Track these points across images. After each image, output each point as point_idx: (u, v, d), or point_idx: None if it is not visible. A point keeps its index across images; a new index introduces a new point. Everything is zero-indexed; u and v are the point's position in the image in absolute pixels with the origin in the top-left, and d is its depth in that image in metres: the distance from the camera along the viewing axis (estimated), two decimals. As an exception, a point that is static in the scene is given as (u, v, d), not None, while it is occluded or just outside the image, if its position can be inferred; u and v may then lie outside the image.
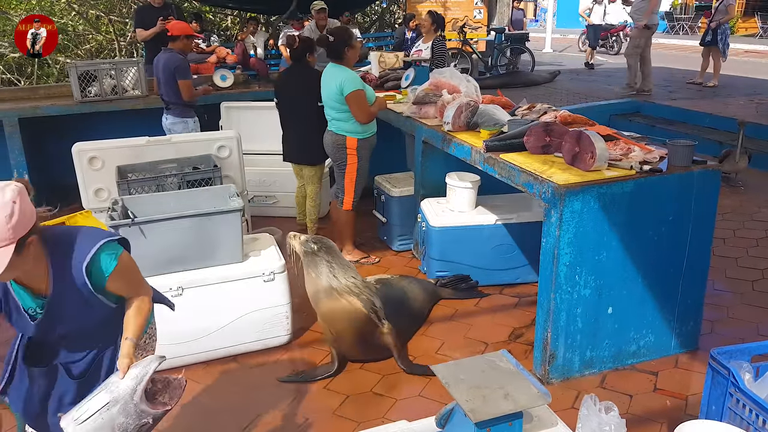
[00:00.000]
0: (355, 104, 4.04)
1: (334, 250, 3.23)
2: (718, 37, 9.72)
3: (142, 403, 1.76)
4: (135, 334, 1.90)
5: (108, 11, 11.61)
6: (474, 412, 1.66)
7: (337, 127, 4.19)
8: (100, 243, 1.82)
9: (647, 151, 3.12)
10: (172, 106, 5.03)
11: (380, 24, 14.40)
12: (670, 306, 3.20)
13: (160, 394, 1.88)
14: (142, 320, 1.96)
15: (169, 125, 5.09)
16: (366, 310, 3.12)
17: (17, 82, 10.17)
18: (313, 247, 3.15)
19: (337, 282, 3.12)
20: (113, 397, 1.72)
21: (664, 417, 2.82)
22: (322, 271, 3.14)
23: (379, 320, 3.17)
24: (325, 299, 3.15)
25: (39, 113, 5.80)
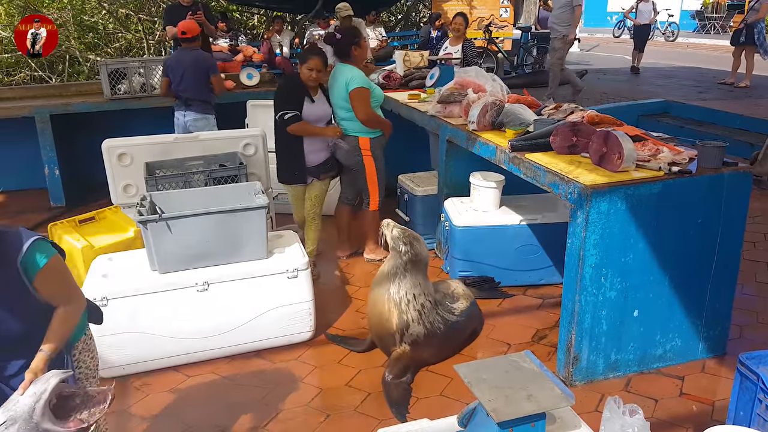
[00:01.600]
0: (357, 100, 4.04)
1: (419, 258, 3.13)
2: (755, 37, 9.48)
3: (46, 422, 1.65)
4: (51, 347, 1.80)
5: (137, 10, 11.80)
6: (496, 411, 1.66)
7: (348, 128, 4.19)
8: (33, 239, 1.79)
9: (676, 152, 3.07)
10: (195, 103, 5.10)
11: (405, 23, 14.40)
12: (697, 310, 3.14)
13: (78, 410, 1.76)
14: (65, 332, 1.86)
15: (189, 122, 5.16)
16: (395, 328, 3.09)
17: (48, 80, 10.39)
18: (400, 249, 3.12)
19: (395, 288, 3.10)
20: (11, 415, 1.62)
21: (690, 422, 2.78)
22: (392, 270, 3.11)
23: (401, 341, 3.11)
24: (376, 291, 3.18)
25: (70, 110, 5.92)
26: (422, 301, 3.10)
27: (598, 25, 23.44)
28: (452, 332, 3.24)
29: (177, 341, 3.20)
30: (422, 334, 3.09)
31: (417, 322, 3.08)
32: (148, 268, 3.23)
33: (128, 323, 3.11)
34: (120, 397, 3.06)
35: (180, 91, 5.13)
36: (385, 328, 3.12)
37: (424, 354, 3.17)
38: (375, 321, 3.20)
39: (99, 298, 3.03)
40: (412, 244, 3.13)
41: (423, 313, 3.09)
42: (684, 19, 22.28)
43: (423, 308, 3.09)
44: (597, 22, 23.91)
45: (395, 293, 3.09)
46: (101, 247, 3.56)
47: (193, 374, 3.23)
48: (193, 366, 3.28)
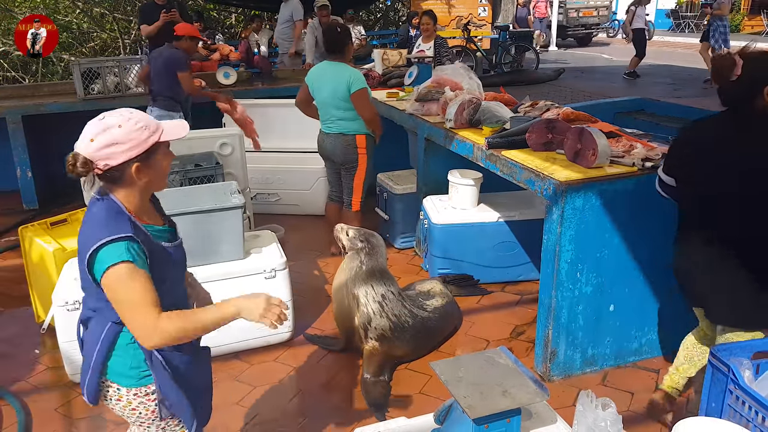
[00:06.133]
0: (362, 99, 4.02)
1: (376, 251, 3.15)
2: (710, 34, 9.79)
3: None
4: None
5: (112, 9, 11.64)
6: (471, 408, 1.65)
7: (345, 127, 4.15)
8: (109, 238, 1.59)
9: (650, 148, 3.10)
10: (160, 99, 5.05)
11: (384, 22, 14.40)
12: (672, 304, 3.18)
13: None
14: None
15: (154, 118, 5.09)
16: (357, 322, 3.09)
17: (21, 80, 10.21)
18: (357, 246, 3.13)
19: (352, 284, 3.10)
20: None
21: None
22: (351, 268, 3.12)
23: (366, 336, 3.10)
24: (337, 291, 3.18)
25: (42, 111, 5.82)
26: (382, 291, 3.09)
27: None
28: (424, 328, 3.23)
29: (152, 344, 3.16)
30: (387, 327, 3.07)
31: (379, 315, 3.07)
32: (121, 270, 3.17)
33: (102, 326, 3.05)
34: (94, 401, 3.02)
35: (151, 85, 5.09)
36: (348, 324, 3.14)
37: (396, 350, 3.16)
38: (339, 320, 3.23)
39: (71, 301, 2.98)
40: (368, 240, 3.16)
41: (384, 305, 3.08)
42: (659, 17, 22.59)
43: (384, 299, 3.09)
44: (574, 20, 24.07)
45: (353, 288, 3.09)
46: (74, 249, 3.47)
47: (169, 377, 3.19)
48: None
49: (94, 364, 1.73)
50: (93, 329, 1.77)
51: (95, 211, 1.66)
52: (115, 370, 1.75)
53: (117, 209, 1.66)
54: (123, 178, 1.66)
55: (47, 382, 3.18)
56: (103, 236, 1.58)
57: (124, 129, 1.63)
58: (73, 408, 2.97)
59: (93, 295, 1.71)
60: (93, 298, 1.71)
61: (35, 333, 3.59)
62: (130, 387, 1.76)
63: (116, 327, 1.71)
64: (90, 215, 1.68)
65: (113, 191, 1.68)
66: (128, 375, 1.75)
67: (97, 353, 1.73)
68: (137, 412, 1.80)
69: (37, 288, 3.63)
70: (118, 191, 1.68)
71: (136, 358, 1.74)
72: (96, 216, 1.65)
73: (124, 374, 1.75)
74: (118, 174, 1.64)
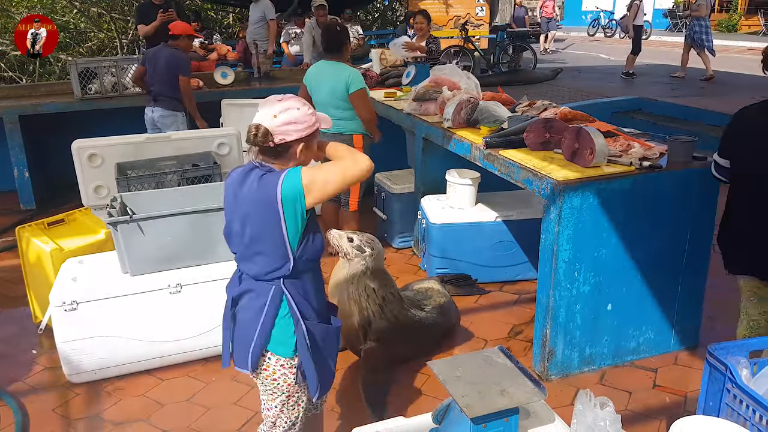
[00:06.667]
0: (361, 99, 4.01)
1: (380, 256, 3.15)
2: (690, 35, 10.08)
3: None
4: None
5: (109, 9, 11.61)
6: (469, 407, 1.65)
7: (343, 127, 4.13)
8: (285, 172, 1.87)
9: (647, 147, 3.11)
10: (163, 99, 5.04)
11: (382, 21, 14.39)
12: (669, 302, 3.19)
13: None
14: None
15: (157, 118, 5.11)
16: (357, 325, 3.08)
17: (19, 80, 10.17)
18: (365, 252, 3.07)
19: (353, 287, 3.08)
20: None
21: (663, 414, 2.82)
22: (355, 273, 3.08)
23: (365, 339, 3.10)
24: (336, 292, 3.15)
25: (39, 110, 5.80)
26: (383, 294, 3.10)
27: (574, 23, 23.70)
28: (421, 327, 3.23)
29: (150, 344, 3.15)
30: (386, 328, 3.08)
31: (379, 317, 3.07)
32: (119, 270, 3.17)
33: (99, 327, 3.05)
34: (92, 402, 3.01)
35: (151, 85, 5.08)
36: (348, 327, 3.11)
37: (394, 349, 3.15)
38: None
39: (69, 302, 2.97)
40: (372, 246, 3.13)
41: (384, 307, 3.08)
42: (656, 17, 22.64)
43: (384, 301, 3.09)
44: (572, 20, 24.18)
45: (354, 291, 3.08)
46: (71, 249, 3.49)
47: (166, 378, 3.19)
48: (167, 369, 3.23)
49: (260, 333, 1.92)
50: (251, 302, 1.94)
51: (258, 171, 1.90)
52: (276, 339, 1.94)
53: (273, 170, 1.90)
54: (287, 154, 1.91)
55: (45, 382, 3.17)
56: (279, 175, 1.85)
57: (300, 111, 1.88)
58: (70, 408, 2.97)
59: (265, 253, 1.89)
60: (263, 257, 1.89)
61: (33, 333, 3.59)
62: (284, 356, 1.95)
63: (280, 292, 1.92)
64: (255, 175, 1.90)
65: (270, 163, 1.92)
66: (286, 343, 1.95)
67: (263, 323, 1.91)
68: (276, 383, 1.99)
69: (34, 288, 3.62)
70: (275, 163, 1.92)
71: (290, 328, 1.93)
72: (260, 173, 1.90)
73: (283, 342, 1.95)
74: (285, 149, 1.90)
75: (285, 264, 1.90)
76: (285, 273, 1.90)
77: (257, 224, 1.88)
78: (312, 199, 1.85)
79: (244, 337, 1.97)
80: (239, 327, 1.99)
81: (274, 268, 1.90)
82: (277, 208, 1.83)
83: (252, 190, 1.89)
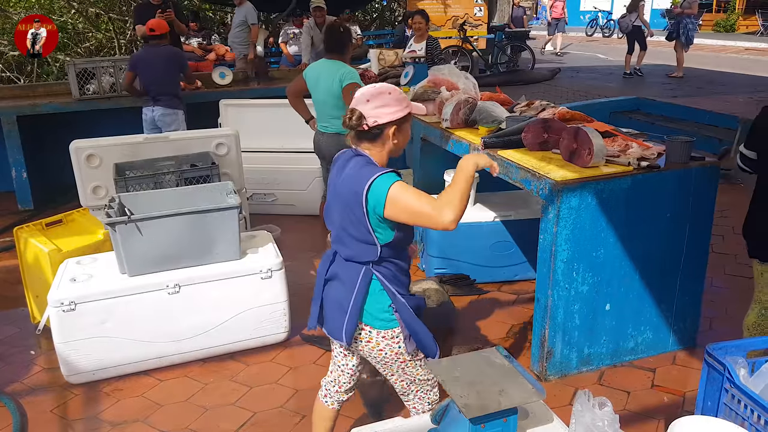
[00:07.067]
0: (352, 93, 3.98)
1: None
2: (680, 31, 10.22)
3: None
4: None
5: (107, 9, 11.59)
6: (468, 408, 1.65)
7: (339, 126, 4.11)
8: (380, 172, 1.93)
9: (645, 147, 3.11)
10: (164, 98, 5.04)
11: (380, 22, 14.40)
12: (668, 303, 3.19)
13: None
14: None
15: (158, 117, 5.10)
16: None
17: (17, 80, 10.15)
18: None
19: None
20: None
21: (661, 413, 2.82)
22: None
23: None
24: None
25: (37, 111, 5.79)
26: None
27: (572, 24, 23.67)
28: None
29: (148, 345, 3.15)
30: None
31: None
32: (117, 271, 3.17)
33: (97, 327, 3.05)
34: (90, 403, 3.01)
35: (149, 86, 5.07)
36: None
37: None
38: None
39: (67, 302, 2.97)
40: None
41: None
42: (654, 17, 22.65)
43: None
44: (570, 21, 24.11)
45: None
46: (69, 250, 3.49)
47: (165, 378, 3.18)
48: (165, 370, 3.23)
49: (353, 308, 2.03)
50: (345, 278, 2.05)
51: (359, 159, 2.00)
52: (370, 314, 2.05)
53: (371, 161, 1.99)
54: (380, 137, 1.99)
55: (43, 383, 3.17)
56: (374, 173, 1.92)
57: (393, 96, 1.97)
58: (69, 409, 2.97)
59: (355, 237, 1.98)
60: (353, 241, 1.99)
61: (31, 334, 3.59)
62: (380, 329, 2.05)
63: (370, 273, 2.02)
64: (355, 163, 2.00)
65: (367, 148, 2.01)
66: (380, 318, 2.05)
67: (355, 297, 2.02)
68: (383, 353, 2.10)
69: (32, 289, 3.61)
70: (371, 148, 2.01)
71: (385, 303, 2.04)
72: (360, 162, 1.99)
73: (377, 317, 2.05)
74: (378, 132, 1.98)
75: (372, 251, 2.00)
76: (373, 259, 2.01)
77: (349, 211, 1.98)
78: (388, 213, 1.92)
79: (337, 311, 2.08)
80: (332, 302, 2.11)
81: (362, 252, 2.01)
82: (363, 203, 1.92)
83: (349, 178, 1.98)
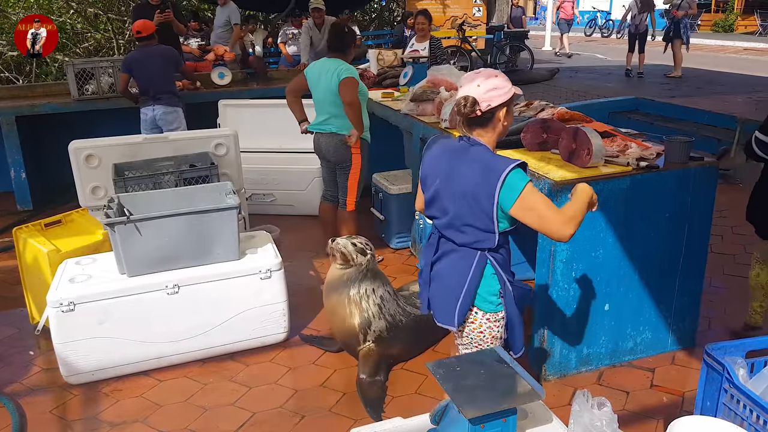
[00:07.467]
0: (347, 86, 3.92)
1: (375, 257, 3.20)
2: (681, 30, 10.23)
3: None
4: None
5: (106, 9, 11.59)
6: (467, 408, 1.65)
7: (339, 126, 4.12)
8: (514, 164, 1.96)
9: (644, 147, 3.11)
10: (164, 96, 5.04)
11: (379, 22, 14.40)
12: (667, 303, 3.19)
13: None
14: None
15: (159, 116, 5.10)
16: (357, 328, 3.09)
17: (15, 81, 10.15)
18: (367, 255, 3.11)
19: (355, 290, 3.09)
20: None
21: (660, 413, 2.82)
22: (351, 276, 3.09)
23: (364, 340, 3.11)
24: (335, 298, 3.15)
25: (36, 111, 5.79)
26: (381, 293, 3.11)
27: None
28: (418, 326, 3.23)
29: (147, 345, 3.15)
30: (385, 327, 3.09)
31: (378, 317, 3.08)
32: (116, 271, 3.17)
33: (97, 328, 3.04)
34: (89, 403, 3.01)
35: (147, 87, 5.07)
36: (348, 330, 3.12)
37: (392, 349, 3.16)
38: (338, 326, 3.19)
39: (66, 303, 2.97)
40: (371, 247, 3.16)
41: (383, 306, 3.10)
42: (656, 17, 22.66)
43: (382, 300, 3.11)
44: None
45: (355, 294, 3.08)
46: (68, 250, 3.48)
47: (164, 379, 3.18)
48: (165, 370, 3.23)
49: (467, 291, 2.10)
50: (456, 265, 2.11)
51: (479, 149, 2.03)
52: (480, 296, 2.13)
53: (489, 150, 2.04)
54: (491, 121, 2.03)
55: (42, 383, 3.17)
56: (505, 165, 1.95)
57: (499, 78, 2.02)
58: (68, 410, 2.96)
59: (474, 226, 2.04)
60: (472, 229, 2.05)
61: (30, 335, 3.58)
62: (486, 312, 2.14)
63: (485, 258, 2.09)
64: (476, 153, 2.03)
65: (480, 134, 2.05)
66: (490, 301, 2.14)
67: (469, 283, 2.09)
68: (482, 336, 2.18)
69: (31, 289, 3.61)
70: (484, 134, 2.05)
71: (495, 287, 2.12)
72: (485, 153, 2.03)
73: (487, 300, 2.14)
74: (490, 116, 2.02)
75: (491, 238, 2.05)
76: (490, 246, 2.07)
77: (472, 201, 2.01)
78: (514, 211, 1.97)
79: (448, 296, 2.14)
80: (441, 288, 2.18)
81: (481, 240, 2.06)
82: (494, 195, 1.95)
83: (474, 171, 2.00)
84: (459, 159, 2.05)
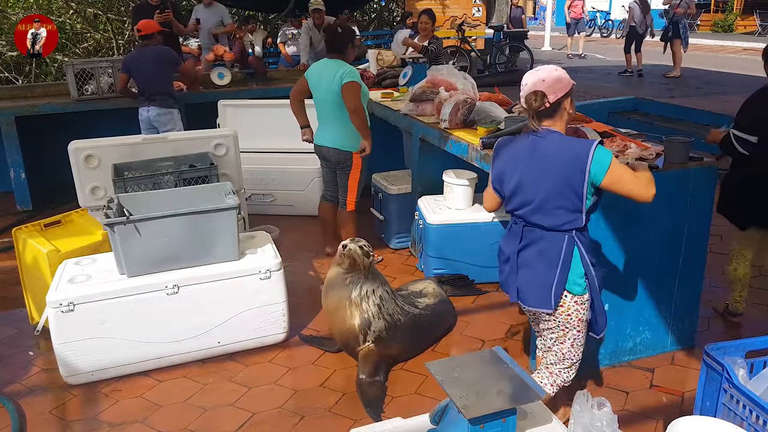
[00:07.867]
0: (350, 90, 3.94)
1: (373, 256, 3.22)
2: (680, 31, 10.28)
3: None
4: None
5: (106, 9, 11.58)
6: (467, 408, 1.66)
7: (343, 141, 4.12)
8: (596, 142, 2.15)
9: (644, 147, 3.11)
10: (158, 97, 5.04)
11: (379, 22, 14.39)
12: (666, 303, 3.19)
13: None
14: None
15: (153, 117, 5.10)
16: (358, 329, 3.09)
17: (15, 81, 10.13)
18: (371, 258, 3.13)
19: (356, 292, 3.09)
20: None
21: (660, 413, 2.82)
22: (352, 279, 3.10)
23: (364, 340, 3.11)
24: (335, 299, 3.15)
25: (36, 111, 5.79)
26: (380, 293, 3.12)
27: (569, 23, 23.65)
28: (417, 325, 3.24)
29: (147, 346, 3.15)
30: (384, 327, 3.09)
31: (377, 317, 3.08)
32: (116, 271, 3.16)
33: (96, 328, 3.04)
34: (89, 404, 3.01)
35: (143, 87, 5.07)
36: (348, 331, 3.12)
37: (391, 349, 3.16)
38: (338, 326, 3.19)
39: (65, 303, 2.97)
40: (371, 248, 3.18)
41: (382, 306, 3.11)
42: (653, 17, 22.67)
43: (381, 300, 3.12)
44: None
45: (356, 296, 3.09)
46: (68, 251, 3.48)
47: (164, 379, 3.18)
48: (164, 371, 3.23)
49: (560, 276, 2.21)
50: (546, 247, 2.22)
51: (556, 135, 2.19)
52: (571, 279, 2.23)
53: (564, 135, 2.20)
54: (558, 110, 2.19)
55: (42, 384, 3.17)
56: (591, 143, 2.15)
57: (559, 71, 2.19)
58: (67, 410, 2.96)
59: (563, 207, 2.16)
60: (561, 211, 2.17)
61: (29, 335, 3.58)
62: (575, 294, 2.24)
63: (573, 241, 2.20)
64: (555, 138, 2.19)
65: (550, 125, 2.20)
66: (578, 283, 2.24)
67: (561, 266, 2.20)
68: (570, 318, 2.29)
69: (31, 290, 3.61)
70: (554, 124, 2.21)
71: (581, 270, 2.23)
72: (562, 137, 2.20)
73: (576, 283, 2.24)
74: (557, 106, 2.18)
75: (578, 217, 2.17)
76: (578, 225, 2.19)
77: (562, 184, 2.13)
78: (606, 182, 2.11)
79: (539, 281, 2.24)
80: (532, 273, 2.26)
81: (570, 220, 2.18)
82: (585, 170, 2.09)
83: (559, 154, 2.14)
84: (538, 148, 2.18)
